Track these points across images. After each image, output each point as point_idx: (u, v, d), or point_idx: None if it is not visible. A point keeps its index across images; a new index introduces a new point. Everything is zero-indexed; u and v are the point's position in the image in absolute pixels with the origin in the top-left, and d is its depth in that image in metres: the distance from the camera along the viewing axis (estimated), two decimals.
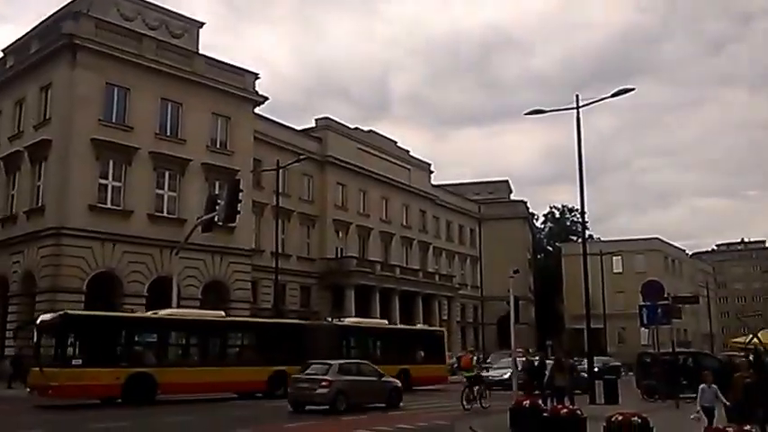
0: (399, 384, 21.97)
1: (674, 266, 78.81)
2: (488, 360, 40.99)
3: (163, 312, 22.94)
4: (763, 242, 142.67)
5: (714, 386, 12.58)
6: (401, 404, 21.11)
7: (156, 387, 20.46)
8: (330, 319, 30.83)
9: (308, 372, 19.96)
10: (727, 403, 12.36)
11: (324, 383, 19.02)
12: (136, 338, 21.61)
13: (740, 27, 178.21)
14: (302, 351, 24.65)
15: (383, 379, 21.26)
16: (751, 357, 18.97)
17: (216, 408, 20.64)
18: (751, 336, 22.20)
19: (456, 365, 40.86)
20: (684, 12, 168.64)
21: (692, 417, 12.36)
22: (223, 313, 25.51)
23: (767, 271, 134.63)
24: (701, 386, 12.62)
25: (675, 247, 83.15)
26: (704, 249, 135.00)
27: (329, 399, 18.96)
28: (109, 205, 30.26)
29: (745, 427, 9.47)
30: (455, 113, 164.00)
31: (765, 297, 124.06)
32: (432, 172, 60.21)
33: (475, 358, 26.73)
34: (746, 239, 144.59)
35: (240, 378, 22.98)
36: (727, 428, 9.44)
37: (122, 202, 30.72)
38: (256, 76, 37.24)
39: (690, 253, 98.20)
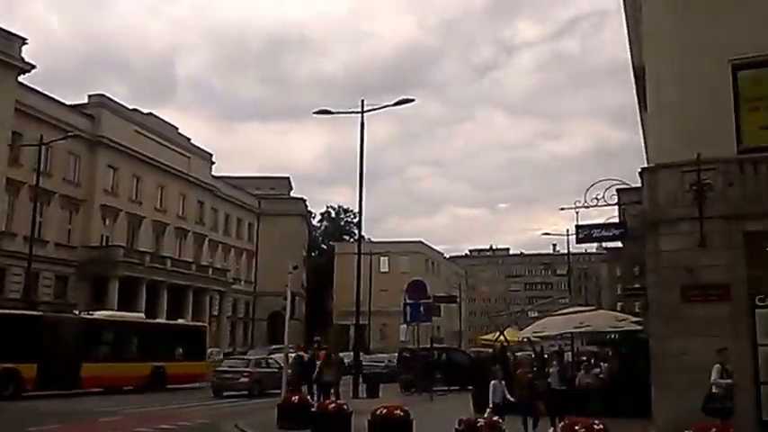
0: None
1: (434, 268, 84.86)
2: (247, 355, 39.96)
3: None
4: (508, 249, 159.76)
5: (503, 382, 12.84)
6: None
7: None
8: (78, 312, 28.64)
9: (229, 365, 26.09)
10: (512, 399, 12.82)
11: (245, 374, 24.44)
12: None
13: (505, 56, 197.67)
14: (40, 347, 22.72)
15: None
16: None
17: None
18: (498, 333, 24.66)
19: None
20: (459, 35, 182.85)
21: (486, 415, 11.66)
22: None
23: (510, 275, 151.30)
24: (493, 382, 12.74)
25: (436, 251, 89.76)
26: (459, 254, 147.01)
27: (249, 386, 24.00)
28: None
29: (494, 418, 10.52)
30: (242, 106, 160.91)
31: (507, 298, 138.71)
32: (213, 162, 58.82)
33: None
34: (494, 246, 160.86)
35: None
36: (479, 419, 10.43)
37: None
38: (23, 41, 33.75)
39: (447, 256, 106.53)
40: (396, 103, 25.10)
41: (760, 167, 13.02)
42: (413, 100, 25.08)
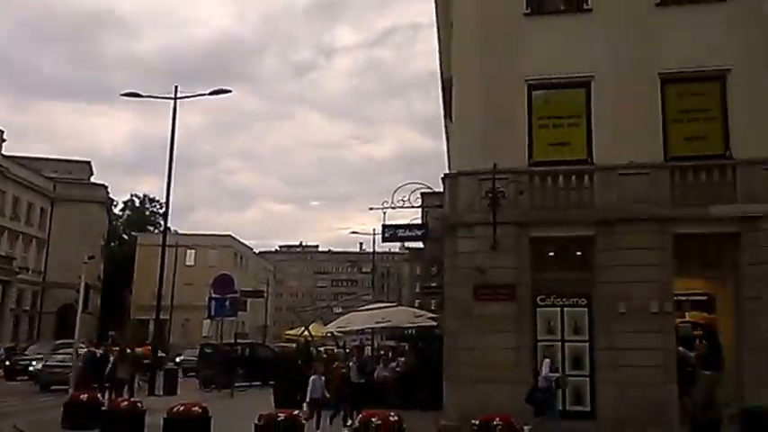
0: None
1: (242, 263, 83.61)
2: (26, 352, 36.28)
3: None
4: (317, 246, 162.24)
5: (323, 377, 12.83)
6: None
7: None
8: None
9: (58, 359, 25.23)
10: (327, 395, 12.90)
11: None
12: None
13: (324, 59, 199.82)
14: None
15: None
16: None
17: None
18: (303, 328, 24.89)
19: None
20: (279, 33, 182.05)
21: (303, 415, 11.27)
22: None
23: (318, 272, 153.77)
24: (312, 378, 12.67)
25: (245, 245, 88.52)
26: (269, 249, 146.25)
27: None
28: None
29: (297, 413, 10.56)
30: (43, 83, 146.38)
31: (314, 294, 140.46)
32: (4, 140, 53.03)
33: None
34: (304, 243, 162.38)
35: None
36: (279, 413, 10.41)
37: None
38: None
39: (257, 251, 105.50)
40: (211, 93, 24.76)
41: (546, 180, 14.42)
42: (229, 91, 24.97)
